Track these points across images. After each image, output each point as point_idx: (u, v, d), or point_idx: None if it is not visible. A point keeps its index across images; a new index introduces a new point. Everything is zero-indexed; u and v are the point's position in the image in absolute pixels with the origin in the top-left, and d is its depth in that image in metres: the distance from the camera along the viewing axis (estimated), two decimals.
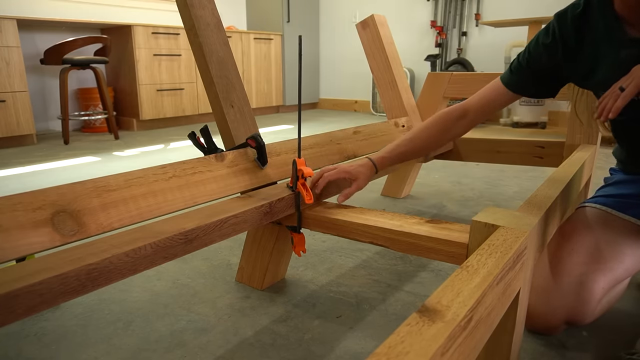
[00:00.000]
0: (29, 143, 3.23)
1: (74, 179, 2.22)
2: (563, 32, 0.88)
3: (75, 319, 0.99)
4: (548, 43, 0.90)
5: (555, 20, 0.90)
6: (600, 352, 0.86)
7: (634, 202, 0.94)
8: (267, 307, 1.03)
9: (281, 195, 0.94)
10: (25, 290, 0.54)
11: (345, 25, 5.24)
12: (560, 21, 0.89)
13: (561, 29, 0.88)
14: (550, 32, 0.90)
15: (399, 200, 1.85)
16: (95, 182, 0.77)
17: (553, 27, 0.90)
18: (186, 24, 1.05)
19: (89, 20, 3.51)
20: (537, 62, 0.93)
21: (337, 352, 0.87)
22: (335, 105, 5.52)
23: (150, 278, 1.18)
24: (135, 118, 3.85)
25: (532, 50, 0.94)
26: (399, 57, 1.74)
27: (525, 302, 0.73)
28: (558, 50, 0.90)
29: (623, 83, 0.72)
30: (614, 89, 0.74)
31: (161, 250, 0.70)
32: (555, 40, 0.89)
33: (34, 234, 0.66)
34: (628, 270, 0.88)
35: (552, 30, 0.90)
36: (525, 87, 0.97)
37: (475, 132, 3.66)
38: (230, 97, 1.07)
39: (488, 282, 0.50)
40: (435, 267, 1.24)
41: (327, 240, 1.43)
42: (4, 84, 2.99)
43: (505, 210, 0.76)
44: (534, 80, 0.96)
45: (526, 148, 1.61)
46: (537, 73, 0.94)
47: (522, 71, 0.96)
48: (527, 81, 0.96)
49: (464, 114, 1.02)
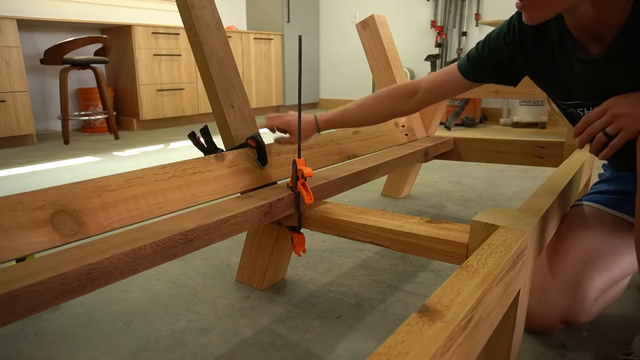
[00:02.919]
0: (29, 143, 3.23)
1: (74, 179, 2.22)
2: (522, 32, 0.88)
3: (75, 319, 0.99)
4: (508, 39, 0.90)
5: (516, 18, 0.89)
6: (600, 352, 0.86)
7: (624, 199, 0.94)
8: (267, 307, 1.03)
9: (281, 195, 0.94)
10: (25, 290, 0.54)
11: (345, 25, 5.24)
12: (520, 19, 0.88)
13: (521, 26, 0.88)
14: (511, 29, 0.89)
15: (399, 200, 1.85)
16: (95, 182, 0.77)
17: (514, 24, 0.89)
18: (186, 24, 1.05)
19: (89, 20, 3.51)
20: (496, 56, 0.93)
21: (337, 352, 0.87)
22: (336, 105, 5.52)
23: (150, 278, 1.18)
24: (135, 118, 3.85)
25: (491, 43, 0.93)
26: (399, 57, 1.74)
27: (525, 302, 0.73)
28: (517, 47, 0.89)
29: (606, 126, 0.70)
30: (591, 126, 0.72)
31: (161, 250, 0.70)
32: (514, 37, 0.89)
33: (34, 234, 0.66)
34: (624, 270, 0.87)
35: (512, 27, 0.89)
36: (483, 77, 0.98)
37: (475, 132, 3.66)
38: (230, 97, 1.07)
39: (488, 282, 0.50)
40: (435, 267, 1.24)
41: (327, 240, 1.43)
42: (4, 84, 2.99)
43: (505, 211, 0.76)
44: (493, 71, 0.96)
45: (526, 148, 1.61)
46: (496, 65, 0.95)
47: (481, 62, 0.96)
48: (485, 71, 0.97)
49: (414, 92, 1.05)
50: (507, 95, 1.62)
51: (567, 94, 0.87)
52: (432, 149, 1.59)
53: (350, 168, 1.20)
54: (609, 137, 0.70)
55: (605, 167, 1.09)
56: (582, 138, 0.74)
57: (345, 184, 1.13)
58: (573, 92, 0.85)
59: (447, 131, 3.78)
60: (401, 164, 1.40)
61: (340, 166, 1.23)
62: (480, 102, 4.03)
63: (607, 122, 0.70)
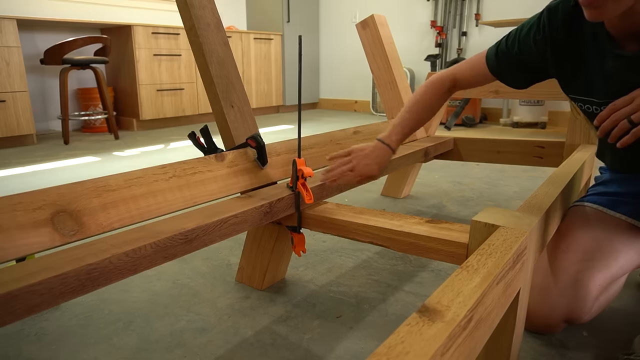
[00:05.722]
0: (29, 143, 3.23)
1: (74, 179, 2.22)
2: (552, 27, 0.87)
3: (75, 319, 0.99)
4: (538, 37, 0.90)
5: (545, 14, 0.89)
6: (600, 352, 0.86)
7: (623, 200, 0.94)
8: (267, 307, 1.03)
9: (281, 195, 0.94)
10: (25, 290, 0.54)
11: (345, 25, 5.24)
12: (551, 15, 0.88)
13: (551, 23, 0.87)
14: (541, 27, 0.89)
15: (399, 200, 1.85)
16: (95, 182, 0.77)
17: (543, 21, 0.89)
18: (186, 24, 1.05)
19: (89, 20, 3.51)
20: (527, 55, 0.93)
21: (337, 352, 0.87)
22: (335, 105, 5.52)
23: (150, 278, 1.18)
24: (135, 118, 3.85)
25: (522, 41, 0.93)
26: (399, 57, 1.74)
27: (525, 302, 0.73)
28: (547, 43, 0.89)
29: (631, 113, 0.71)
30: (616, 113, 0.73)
31: (161, 250, 0.70)
32: (544, 35, 0.89)
33: (34, 234, 0.66)
34: (623, 268, 0.88)
35: (542, 24, 0.89)
36: (505, 76, 0.99)
37: (475, 132, 3.66)
38: (230, 97, 1.07)
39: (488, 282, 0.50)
40: (435, 267, 1.24)
41: (327, 240, 1.43)
42: (4, 84, 2.99)
43: (505, 210, 0.76)
44: (516, 70, 0.96)
45: (526, 148, 1.61)
46: (523, 64, 0.95)
47: (509, 60, 0.96)
48: (510, 70, 0.97)
49: (452, 87, 1.06)
50: (507, 95, 1.62)
51: (588, 88, 0.88)
52: (432, 149, 1.59)
53: None
54: (632, 125, 0.71)
55: (602, 169, 1.09)
56: (605, 125, 0.74)
57: (345, 184, 1.13)
58: (594, 88, 0.86)
59: (447, 131, 3.78)
60: (401, 164, 1.40)
61: None
62: (480, 102, 4.03)
63: (633, 109, 0.71)
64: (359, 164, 0.99)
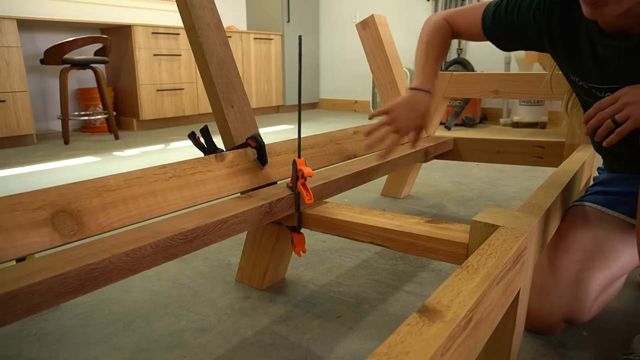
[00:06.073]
0: (29, 143, 3.23)
1: (74, 179, 2.22)
2: (552, 3, 0.89)
3: (75, 319, 0.99)
4: (538, 12, 0.91)
5: None
6: (599, 352, 0.86)
7: (621, 200, 0.94)
8: (267, 307, 1.03)
9: (281, 195, 0.94)
10: (25, 290, 0.54)
11: (345, 25, 5.24)
12: None
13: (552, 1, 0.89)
14: (542, 2, 0.91)
15: (399, 200, 1.85)
16: (95, 182, 0.77)
17: None
18: (186, 24, 1.05)
19: (89, 20, 3.51)
20: (524, 27, 0.96)
21: (337, 352, 0.87)
22: (335, 105, 5.52)
23: (150, 278, 1.18)
24: (135, 118, 3.85)
25: (521, 13, 0.95)
26: (399, 57, 1.74)
27: (525, 302, 0.73)
28: (544, 19, 0.91)
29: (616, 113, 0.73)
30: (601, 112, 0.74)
31: (161, 250, 0.70)
32: (543, 11, 0.90)
33: (34, 234, 0.66)
34: (623, 268, 0.88)
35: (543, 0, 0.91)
36: (498, 40, 1.03)
37: (475, 132, 3.66)
38: (230, 97, 1.07)
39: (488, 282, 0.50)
40: (435, 267, 1.24)
41: (327, 240, 1.43)
42: (4, 84, 2.99)
43: (505, 211, 0.76)
44: (508, 36, 1.00)
45: (526, 148, 1.61)
46: (521, 36, 0.98)
47: (507, 29, 0.99)
48: (503, 35, 1.01)
49: (455, 34, 1.11)
50: (507, 95, 1.62)
51: (587, 74, 0.89)
52: (432, 149, 1.59)
53: (350, 168, 1.19)
54: (616, 124, 0.72)
55: (600, 169, 1.10)
56: (591, 124, 0.76)
57: (345, 184, 1.13)
58: (591, 73, 0.87)
59: (447, 131, 3.78)
60: (401, 163, 1.40)
61: (340, 166, 1.23)
62: (480, 102, 4.03)
63: (617, 109, 0.72)
64: (402, 121, 0.99)
